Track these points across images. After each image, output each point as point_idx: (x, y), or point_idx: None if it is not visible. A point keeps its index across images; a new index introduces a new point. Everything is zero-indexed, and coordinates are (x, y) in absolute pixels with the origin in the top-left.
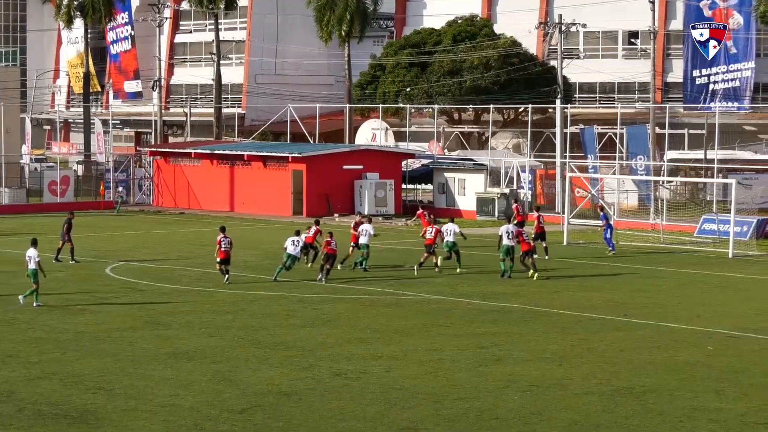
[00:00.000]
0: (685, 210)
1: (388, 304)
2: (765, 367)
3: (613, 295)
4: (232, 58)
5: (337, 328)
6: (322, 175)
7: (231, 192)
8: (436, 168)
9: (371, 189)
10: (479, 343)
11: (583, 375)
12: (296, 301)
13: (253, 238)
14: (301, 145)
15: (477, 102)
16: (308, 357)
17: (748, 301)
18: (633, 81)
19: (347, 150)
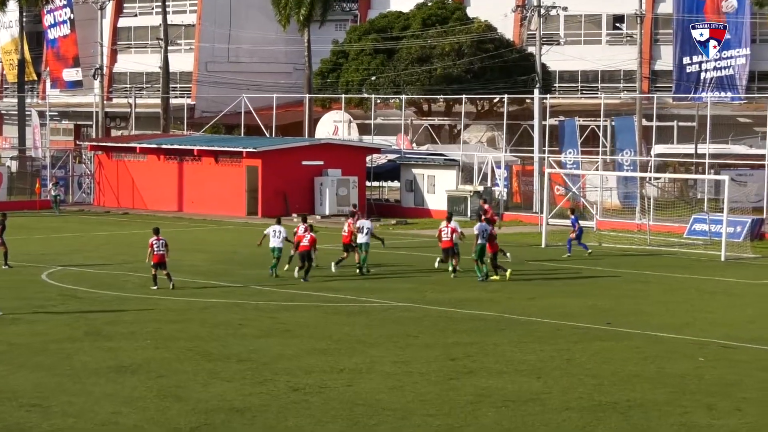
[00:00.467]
0: (674, 209)
1: (351, 312)
2: (760, 379)
3: (595, 302)
4: (181, 44)
5: (295, 338)
6: (279, 171)
7: (179, 190)
8: (404, 164)
9: (333, 187)
10: (450, 355)
11: (562, 389)
12: (251, 308)
13: (203, 241)
14: (256, 138)
15: (448, 92)
16: (263, 370)
17: (742, 307)
18: (618, 69)
19: (306, 144)
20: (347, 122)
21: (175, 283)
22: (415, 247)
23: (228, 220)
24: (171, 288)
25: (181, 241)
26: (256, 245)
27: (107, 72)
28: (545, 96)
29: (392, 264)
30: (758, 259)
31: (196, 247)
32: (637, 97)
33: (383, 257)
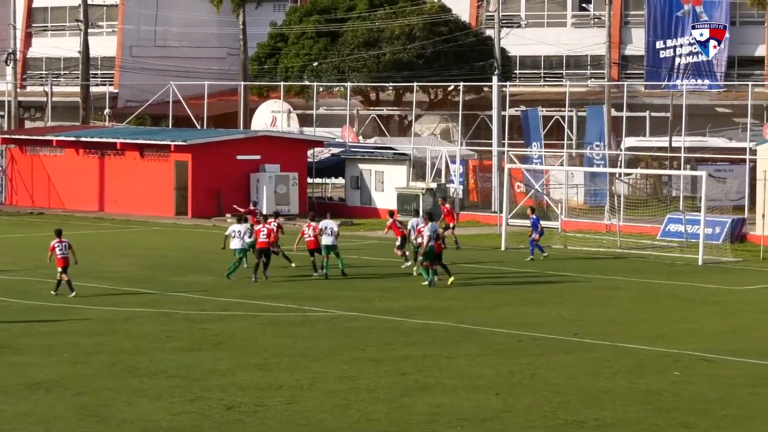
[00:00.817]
0: (647, 208)
1: (291, 322)
2: (741, 396)
3: (560, 311)
4: (102, 26)
5: (229, 351)
6: (212, 167)
7: (101, 188)
8: (349, 158)
9: (271, 184)
10: (400, 369)
11: (525, 406)
12: (179, 319)
13: (127, 244)
14: (185, 131)
15: (398, 79)
16: (194, 387)
17: (722, 316)
18: (584, 54)
19: (242, 137)
20: (287, 112)
21: (77, 292)
22: (362, 251)
23: (155, 220)
24: (71, 296)
25: (103, 244)
26: (219, 249)
27: (21, 57)
28: (505, 84)
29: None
30: (739, 263)
31: (120, 251)
32: (605, 84)
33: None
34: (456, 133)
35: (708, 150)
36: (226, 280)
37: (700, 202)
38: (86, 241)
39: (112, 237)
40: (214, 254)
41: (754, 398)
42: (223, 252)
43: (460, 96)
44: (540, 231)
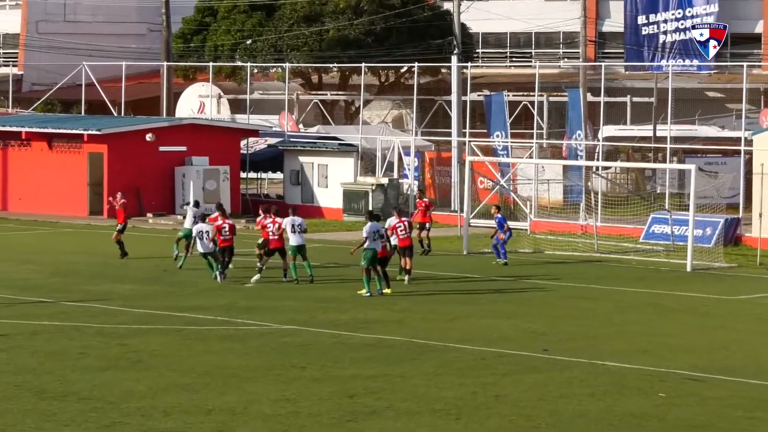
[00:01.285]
0: (628, 206)
1: (222, 336)
2: (735, 419)
3: (529, 323)
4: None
5: (150, 370)
6: (131, 159)
7: (3, 184)
8: (288, 150)
9: (198, 179)
10: (348, 390)
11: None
12: (94, 333)
13: (34, 248)
14: (100, 118)
15: (344, 60)
16: (111, 411)
17: (713, 330)
18: (556, 31)
19: (165, 125)
20: (216, 97)
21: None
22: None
23: (66, 221)
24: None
25: (6, 248)
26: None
27: None
28: (465, 65)
29: (274, 277)
30: (733, 269)
31: (26, 257)
32: (580, 65)
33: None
34: (410, 121)
35: (698, 140)
36: (146, 289)
37: (688, 200)
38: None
39: (16, 240)
40: (134, 260)
41: (749, 423)
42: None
43: (415, 79)
44: (507, 232)
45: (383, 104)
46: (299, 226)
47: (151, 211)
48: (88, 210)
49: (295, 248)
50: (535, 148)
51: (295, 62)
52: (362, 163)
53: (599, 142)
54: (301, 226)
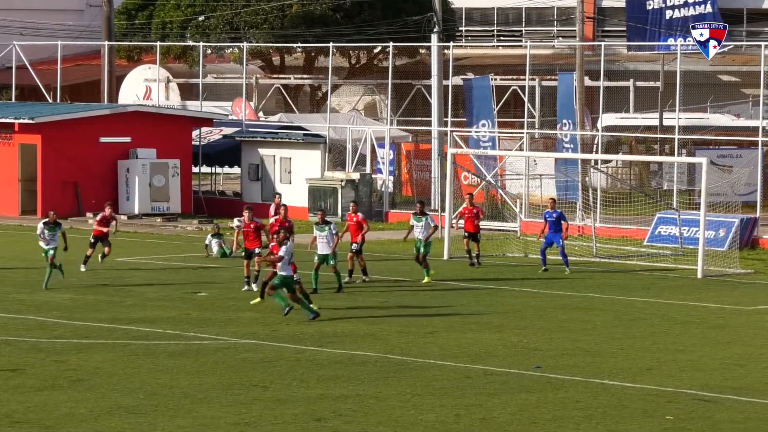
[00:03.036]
0: (630, 205)
1: (173, 353)
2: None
3: (519, 337)
4: None
5: (91, 390)
6: (68, 152)
7: None
8: (246, 141)
9: (144, 174)
10: (314, 413)
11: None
12: (28, 348)
13: None
14: (33, 105)
15: (309, 39)
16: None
17: (727, 345)
18: (549, 6)
19: (106, 113)
20: (164, 82)
21: None
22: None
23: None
24: None
25: None
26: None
27: None
28: (447, 44)
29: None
30: (750, 276)
31: None
32: (576, 45)
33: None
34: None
35: (709, 130)
36: (86, 299)
37: (698, 198)
38: None
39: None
40: (72, 265)
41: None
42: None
43: (390, 60)
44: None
45: (354, 89)
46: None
47: (91, 211)
48: (20, 209)
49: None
50: (525, 139)
51: (253, 41)
52: (330, 156)
53: (598, 133)
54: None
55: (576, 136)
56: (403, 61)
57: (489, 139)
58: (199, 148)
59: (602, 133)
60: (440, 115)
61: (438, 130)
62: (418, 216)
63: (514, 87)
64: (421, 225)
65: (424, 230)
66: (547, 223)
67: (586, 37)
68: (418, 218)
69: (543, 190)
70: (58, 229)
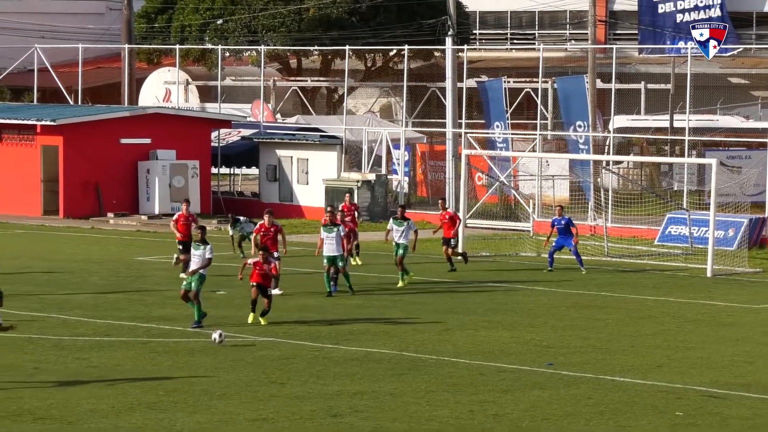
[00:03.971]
0: (641, 205)
1: (192, 350)
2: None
3: (532, 335)
4: None
5: (113, 387)
6: (89, 153)
7: None
8: (264, 142)
9: (164, 175)
10: (331, 409)
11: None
12: (50, 346)
13: None
14: (55, 107)
15: (326, 42)
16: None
17: (736, 342)
18: (562, 9)
19: (127, 115)
20: (183, 84)
21: None
22: (282, 259)
23: (17, 221)
24: None
25: None
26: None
27: None
28: (461, 48)
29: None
30: (759, 275)
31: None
32: (589, 48)
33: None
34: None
35: (719, 132)
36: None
37: (708, 198)
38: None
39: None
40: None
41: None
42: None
43: (405, 63)
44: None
45: (370, 92)
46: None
47: (112, 211)
48: (42, 209)
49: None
50: (538, 141)
51: (271, 44)
52: (346, 158)
53: (610, 134)
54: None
55: (589, 138)
56: (418, 63)
57: (502, 140)
58: (218, 150)
59: (614, 134)
60: (454, 116)
61: (452, 132)
62: (399, 221)
63: (527, 89)
64: (402, 229)
65: (406, 234)
66: (555, 229)
67: (598, 40)
68: (399, 222)
69: (555, 191)
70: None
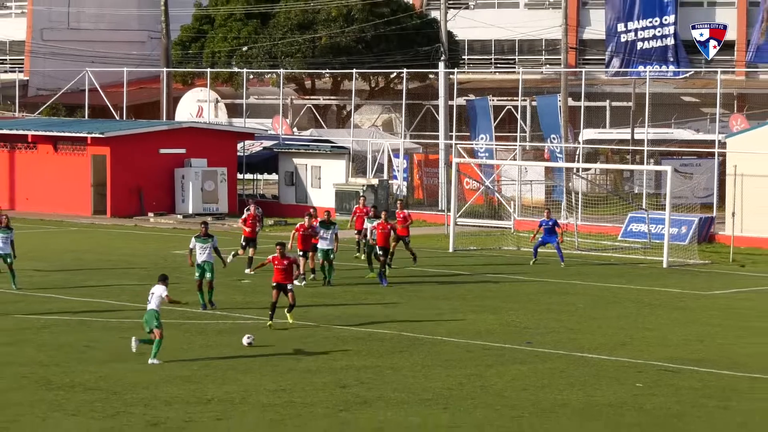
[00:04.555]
0: (607, 206)
1: (221, 330)
2: (709, 409)
3: (513, 318)
4: (10, 7)
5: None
6: (132, 161)
7: (10, 184)
8: (283, 152)
9: (197, 180)
10: (340, 381)
11: (475, 421)
12: (99, 327)
13: (40, 246)
14: (103, 122)
15: (335, 65)
16: (115, 401)
17: (688, 324)
18: (539, 38)
19: (165, 129)
20: (213, 102)
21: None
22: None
23: (70, 220)
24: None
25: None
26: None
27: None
28: (452, 71)
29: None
30: (707, 266)
31: (33, 254)
32: (562, 71)
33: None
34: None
35: (673, 143)
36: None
37: (664, 200)
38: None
39: (24, 238)
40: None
41: (723, 412)
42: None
43: (404, 84)
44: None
45: (373, 108)
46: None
47: (152, 211)
48: (92, 210)
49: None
50: (518, 151)
51: (289, 68)
52: (353, 165)
53: (580, 145)
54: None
55: (561, 148)
56: (415, 84)
57: (487, 150)
58: (243, 158)
59: (583, 145)
60: (446, 130)
61: (444, 143)
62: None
63: (509, 107)
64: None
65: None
66: (542, 228)
67: (569, 65)
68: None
69: (533, 194)
70: None
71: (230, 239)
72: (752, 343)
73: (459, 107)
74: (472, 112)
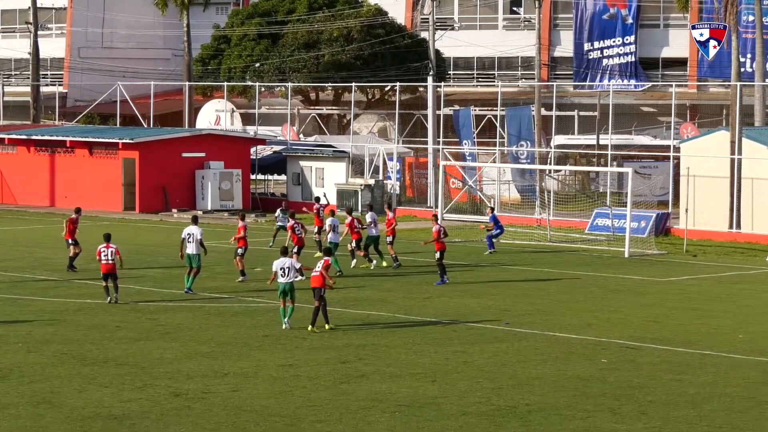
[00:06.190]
0: (575, 203)
1: (235, 312)
2: (665, 382)
3: (492, 301)
4: (51, 29)
5: (176, 341)
6: (158, 164)
7: (51, 184)
8: (290, 156)
9: (215, 180)
10: (340, 357)
11: (459, 393)
12: (128, 310)
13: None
14: (133, 129)
15: (337, 80)
16: (142, 375)
17: (647, 307)
18: (515, 56)
19: (187, 135)
20: (230, 112)
21: (116, 298)
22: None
23: (104, 215)
24: (110, 302)
25: (53, 238)
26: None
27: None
28: (439, 84)
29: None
30: (664, 256)
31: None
32: (535, 85)
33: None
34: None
35: (634, 147)
36: (172, 273)
37: (626, 198)
38: (37, 234)
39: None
40: (161, 247)
41: (677, 384)
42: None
43: (397, 96)
44: (498, 228)
45: (370, 117)
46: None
47: (176, 207)
48: (123, 206)
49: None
50: (497, 154)
51: (296, 82)
52: (353, 167)
53: (551, 149)
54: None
55: (534, 152)
56: (407, 96)
57: (470, 154)
58: (255, 161)
59: (554, 149)
60: (434, 136)
61: (433, 148)
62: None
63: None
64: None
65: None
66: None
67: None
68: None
69: (510, 192)
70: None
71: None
72: (703, 323)
73: (445, 116)
74: (457, 121)
